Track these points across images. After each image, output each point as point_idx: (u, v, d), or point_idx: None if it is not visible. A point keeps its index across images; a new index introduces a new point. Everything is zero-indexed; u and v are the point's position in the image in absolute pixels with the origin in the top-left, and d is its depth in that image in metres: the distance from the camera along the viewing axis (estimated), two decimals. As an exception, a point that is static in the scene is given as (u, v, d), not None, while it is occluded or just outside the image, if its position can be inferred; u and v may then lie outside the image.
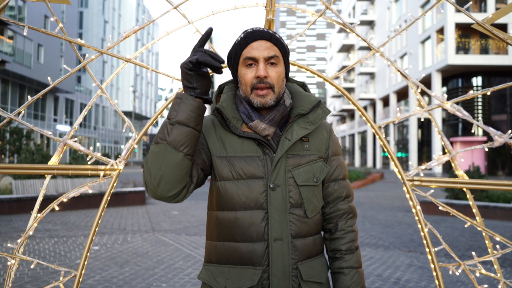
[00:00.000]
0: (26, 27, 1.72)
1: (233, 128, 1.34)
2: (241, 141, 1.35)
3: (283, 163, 1.33)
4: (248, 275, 1.29)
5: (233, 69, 1.41)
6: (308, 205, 1.35)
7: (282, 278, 1.29)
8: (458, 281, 4.92)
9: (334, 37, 68.75)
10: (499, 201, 10.53)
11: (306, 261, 1.35)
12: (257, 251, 1.30)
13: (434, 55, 31.57)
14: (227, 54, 1.43)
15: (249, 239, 1.31)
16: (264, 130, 1.33)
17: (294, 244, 1.32)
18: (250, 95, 1.33)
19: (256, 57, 1.31)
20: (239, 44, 1.35)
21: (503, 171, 29.36)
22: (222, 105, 1.36)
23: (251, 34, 1.34)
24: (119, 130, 61.73)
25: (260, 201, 1.31)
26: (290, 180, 1.33)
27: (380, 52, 1.94)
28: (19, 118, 1.75)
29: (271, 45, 1.33)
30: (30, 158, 11.93)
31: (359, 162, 54.19)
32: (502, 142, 1.78)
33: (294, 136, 1.34)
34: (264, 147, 1.35)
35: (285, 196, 1.32)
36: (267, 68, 1.31)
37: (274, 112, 1.35)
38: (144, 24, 1.88)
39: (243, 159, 1.33)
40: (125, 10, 65.21)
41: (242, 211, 1.31)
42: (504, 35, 1.80)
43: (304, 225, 1.35)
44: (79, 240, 7.07)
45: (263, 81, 1.30)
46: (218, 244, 1.36)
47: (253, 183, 1.32)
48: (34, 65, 32.08)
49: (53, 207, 1.75)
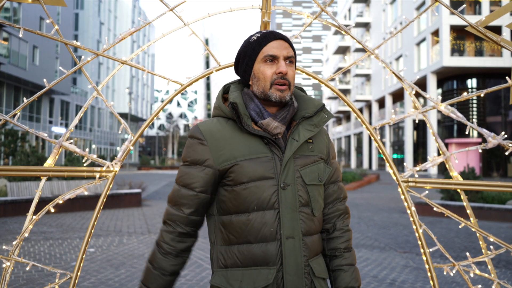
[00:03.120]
0: (22, 29, 1.72)
1: (245, 125, 1.36)
2: (248, 142, 1.37)
3: (291, 163, 1.37)
4: (262, 275, 1.31)
5: (246, 66, 1.43)
6: (315, 204, 1.40)
7: (295, 275, 1.32)
8: (453, 282, 4.95)
9: (330, 39, 68.94)
10: (494, 202, 10.59)
11: (314, 258, 1.40)
12: (270, 250, 1.32)
13: (429, 57, 31.73)
14: (238, 52, 1.46)
15: (263, 240, 1.33)
16: (276, 128, 1.37)
17: (305, 242, 1.36)
18: (269, 90, 1.37)
19: (278, 55, 1.37)
20: (258, 42, 1.39)
21: (498, 173, 29.52)
22: (236, 100, 1.39)
23: (270, 34, 1.41)
24: (114, 132, 61.57)
25: (272, 201, 1.34)
26: (299, 180, 1.37)
27: (375, 54, 1.95)
28: (14, 120, 1.74)
29: (288, 46, 1.41)
30: (25, 160, 11.86)
31: (355, 164, 54.30)
32: (496, 143, 1.80)
33: (301, 138, 1.38)
34: (272, 146, 1.37)
35: (295, 195, 1.35)
36: (286, 66, 1.38)
37: (285, 111, 1.40)
38: (140, 26, 1.88)
39: (252, 161, 1.35)
40: (121, 12, 65.10)
41: (255, 212, 1.34)
42: (497, 38, 1.82)
43: (311, 223, 1.39)
44: (74, 242, 7.04)
45: (284, 77, 1.36)
46: (231, 248, 1.37)
47: (263, 183, 1.34)
48: (29, 66, 31.95)
49: (49, 209, 1.75)
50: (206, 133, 1.39)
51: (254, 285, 1.31)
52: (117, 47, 62.17)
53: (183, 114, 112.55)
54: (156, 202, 13.38)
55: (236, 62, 1.49)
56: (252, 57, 1.41)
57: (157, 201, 13.70)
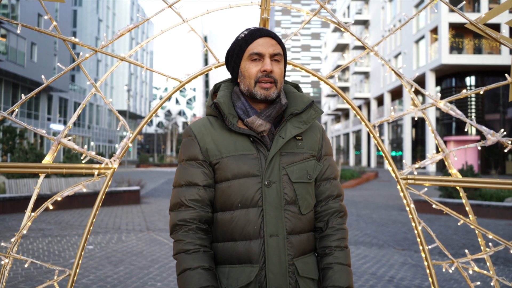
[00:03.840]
0: (20, 26, 1.71)
1: (229, 124, 1.37)
2: (234, 140, 1.37)
3: (277, 161, 1.36)
4: (245, 272, 1.31)
5: (234, 64, 1.44)
6: (302, 202, 1.38)
7: (279, 274, 1.31)
8: (451, 279, 4.96)
9: (329, 37, 68.87)
10: (492, 199, 10.61)
11: (301, 257, 1.37)
12: (253, 248, 1.32)
13: (428, 54, 31.72)
14: (227, 50, 1.46)
15: (246, 237, 1.32)
16: (260, 126, 1.36)
17: (290, 240, 1.34)
18: (253, 87, 1.37)
19: (263, 53, 1.36)
20: (245, 39, 1.39)
21: (496, 170, 29.57)
22: (219, 100, 1.40)
23: (257, 31, 1.39)
24: (113, 129, 61.48)
25: (256, 199, 1.33)
26: (285, 177, 1.36)
27: (374, 51, 1.95)
28: (12, 117, 1.74)
29: (275, 43, 1.39)
30: (23, 157, 11.85)
31: (354, 161, 54.34)
32: (495, 140, 1.80)
33: (287, 135, 1.37)
34: (258, 144, 1.37)
35: (280, 193, 1.34)
36: (272, 64, 1.36)
37: (270, 109, 1.38)
38: (138, 22, 1.88)
39: (237, 158, 1.35)
40: (120, 9, 64.90)
41: (239, 210, 1.34)
42: (497, 35, 1.82)
43: (298, 222, 1.37)
44: (73, 239, 7.04)
45: (268, 75, 1.35)
46: (218, 245, 1.38)
47: (248, 181, 1.34)
48: (27, 63, 31.85)
49: (47, 206, 1.74)
50: (196, 131, 1.41)
51: (238, 283, 1.31)
52: (116, 44, 61.99)
53: (182, 112, 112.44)
54: (155, 200, 13.38)
55: (226, 60, 1.49)
56: (239, 55, 1.41)
57: (156, 199, 13.70)
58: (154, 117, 43.86)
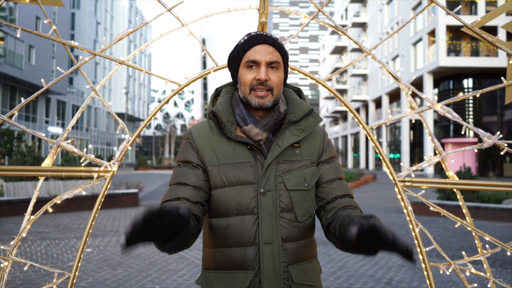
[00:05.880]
0: (19, 29, 1.72)
1: (227, 132, 1.37)
2: (232, 147, 1.37)
3: (273, 169, 1.35)
4: (240, 279, 1.32)
5: (233, 70, 1.44)
6: (299, 209, 1.37)
7: (273, 281, 1.31)
8: (449, 281, 4.97)
9: (326, 39, 69.01)
10: (490, 201, 10.63)
11: (297, 264, 1.36)
12: (248, 255, 1.32)
13: (425, 57, 31.82)
14: (229, 55, 1.45)
15: (241, 244, 1.33)
16: (257, 135, 1.36)
17: (285, 248, 1.34)
18: (248, 95, 1.36)
19: (259, 61, 1.34)
20: (242, 46, 1.37)
21: (494, 172, 29.63)
22: (218, 108, 1.39)
23: (255, 38, 1.37)
24: (111, 132, 61.39)
25: (251, 206, 1.33)
26: (281, 185, 1.35)
27: (372, 54, 1.96)
28: (12, 120, 1.74)
29: (273, 50, 1.36)
30: (21, 160, 11.82)
31: (352, 164, 54.38)
32: (491, 143, 1.81)
33: (284, 143, 1.36)
34: (256, 152, 1.37)
35: (275, 201, 1.34)
36: (268, 72, 1.34)
37: (268, 118, 1.37)
38: (138, 26, 1.89)
39: (234, 165, 1.35)
40: (118, 12, 64.94)
41: (234, 217, 1.34)
42: (493, 38, 1.83)
43: (295, 229, 1.36)
44: (71, 242, 7.02)
45: (263, 83, 1.34)
46: (214, 250, 1.39)
47: (244, 188, 1.34)
48: (25, 66, 31.81)
49: (46, 209, 1.75)
50: (195, 135, 1.41)
51: None
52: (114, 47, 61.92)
53: (180, 114, 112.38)
54: (153, 202, 13.37)
55: (228, 64, 1.48)
56: (237, 61, 1.40)
57: (154, 201, 13.69)
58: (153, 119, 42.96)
